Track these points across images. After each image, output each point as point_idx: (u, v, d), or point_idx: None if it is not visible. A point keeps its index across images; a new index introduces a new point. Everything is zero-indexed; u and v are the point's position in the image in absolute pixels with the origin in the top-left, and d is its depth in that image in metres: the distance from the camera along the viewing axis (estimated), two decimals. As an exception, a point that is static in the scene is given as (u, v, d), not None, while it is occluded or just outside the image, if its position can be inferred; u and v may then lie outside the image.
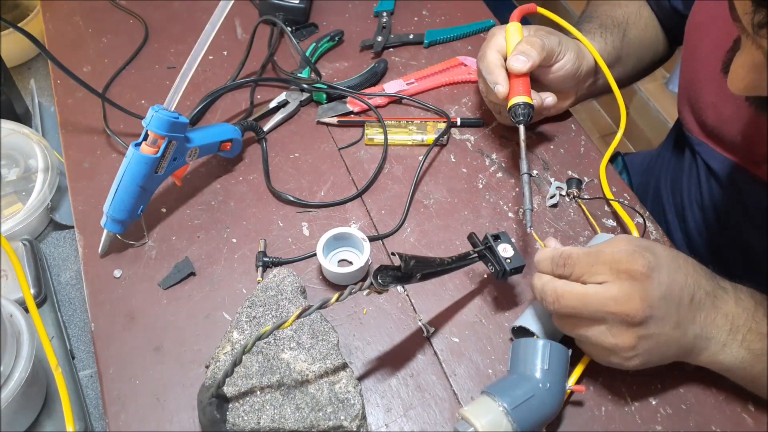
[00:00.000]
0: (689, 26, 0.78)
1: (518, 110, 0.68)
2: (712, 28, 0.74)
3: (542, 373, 0.54)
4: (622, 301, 0.51)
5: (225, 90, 0.82)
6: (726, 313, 0.55)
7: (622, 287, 0.51)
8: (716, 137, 0.77)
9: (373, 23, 0.95)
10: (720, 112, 0.75)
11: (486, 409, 0.52)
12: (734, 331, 0.55)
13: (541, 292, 0.55)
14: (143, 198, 0.67)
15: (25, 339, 0.59)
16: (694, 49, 0.77)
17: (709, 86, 0.75)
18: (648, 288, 0.51)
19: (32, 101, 0.93)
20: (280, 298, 0.61)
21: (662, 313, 0.52)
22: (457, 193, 0.75)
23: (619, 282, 0.51)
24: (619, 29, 0.84)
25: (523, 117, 0.67)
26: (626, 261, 0.51)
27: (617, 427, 0.58)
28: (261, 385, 0.55)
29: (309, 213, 0.73)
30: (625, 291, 0.51)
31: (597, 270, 0.52)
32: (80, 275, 0.69)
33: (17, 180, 0.81)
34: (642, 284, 0.51)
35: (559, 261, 0.54)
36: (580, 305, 0.53)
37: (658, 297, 0.51)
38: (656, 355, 0.55)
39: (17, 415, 0.61)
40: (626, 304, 0.51)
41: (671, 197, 0.89)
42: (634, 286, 0.51)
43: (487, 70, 0.72)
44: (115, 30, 0.93)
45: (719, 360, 0.56)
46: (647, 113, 1.96)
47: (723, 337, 0.55)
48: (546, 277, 0.55)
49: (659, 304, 0.51)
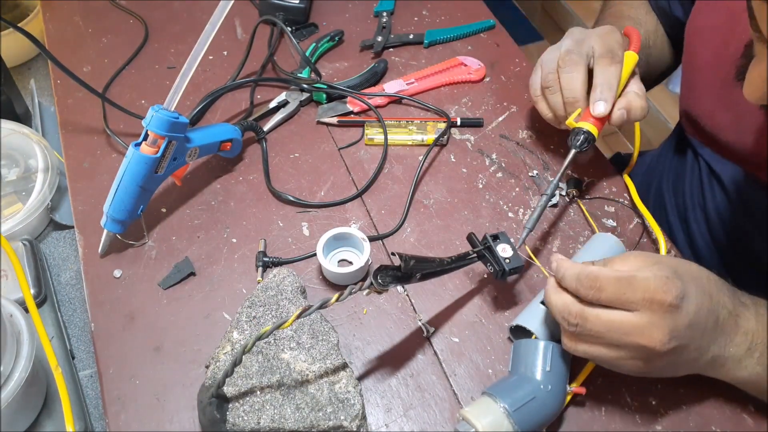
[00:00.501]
0: (688, 34, 0.78)
1: (581, 137, 0.66)
2: (710, 35, 0.74)
3: (543, 374, 0.54)
4: (648, 333, 0.49)
5: (225, 90, 0.82)
6: (746, 331, 0.54)
7: (652, 319, 0.49)
8: (716, 144, 0.77)
9: (373, 23, 0.95)
10: (717, 120, 0.75)
11: (487, 409, 0.52)
12: (752, 349, 0.54)
13: (562, 311, 0.52)
14: (143, 198, 0.67)
15: (25, 339, 0.59)
16: (692, 57, 0.77)
17: (706, 94, 0.75)
18: (676, 319, 0.49)
19: (32, 101, 0.93)
20: (280, 298, 0.61)
21: (686, 341, 0.51)
22: (457, 193, 0.75)
23: (650, 312, 0.49)
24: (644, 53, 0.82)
25: (581, 146, 0.66)
26: (661, 291, 0.49)
27: (617, 427, 0.58)
28: (261, 385, 0.55)
29: (309, 213, 0.73)
30: (653, 323, 0.49)
31: (628, 298, 0.49)
32: (80, 275, 0.69)
33: (17, 180, 0.81)
34: (671, 315, 0.49)
35: (586, 282, 0.51)
36: (604, 330, 0.50)
37: (684, 327, 0.50)
38: (669, 372, 0.54)
39: (17, 415, 0.61)
40: (652, 336, 0.49)
41: (673, 198, 0.89)
42: (664, 318, 0.49)
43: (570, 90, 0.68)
44: (115, 30, 0.93)
45: (734, 375, 0.55)
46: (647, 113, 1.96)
47: (740, 355, 0.54)
48: (568, 298, 0.52)
49: (684, 333, 0.50)
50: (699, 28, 0.76)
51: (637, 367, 0.52)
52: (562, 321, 0.53)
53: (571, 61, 0.68)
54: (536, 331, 0.58)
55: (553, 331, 0.59)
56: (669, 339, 0.49)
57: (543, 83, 0.71)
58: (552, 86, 0.70)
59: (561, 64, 0.69)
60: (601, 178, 0.77)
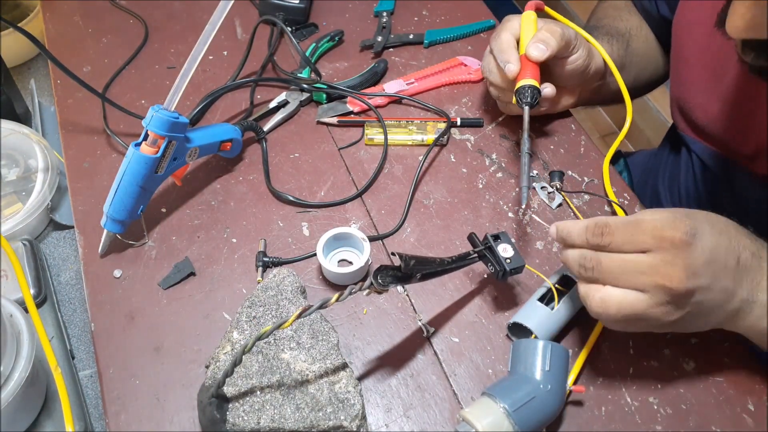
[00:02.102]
0: (675, 28, 0.79)
1: (526, 92, 0.68)
2: (697, 28, 0.74)
3: (543, 374, 0.54)
4: (664, 270, 0.49)
5: (225, 90, 0.82)
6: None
7: (665, 256, 0.49)
8: (707, 136, 0.77)
9: (373, 23, 0.95)
10: (708, 112, 0.75)
11: (487, 410, 0.52)
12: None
13: (578, 259, 0.53)
14: (143, 198, 0.67)
15: (25, 339, 0.59)
16: (680, 50, 0.78)
17: (696, 86, 0.76)
18: (691, 255, 0.49)
19: (32, 101, 0.93)
20: (280, 298, 0.61)
21: (708, 279, 0.50)
22: (457, 193, 0.75)
23: (663, 251, 0.49)
24: (623, 39, 0.84)
25: (531, 99, 0.68)
26: (669, 228, 0.49)
27: (617, 427, 0.58)
28: (261, 385, 0.55)
29: (309, 213, 0.73)
30: (667, 260, 0.49)
31: (638, 239, 0.50)
32: (80, 275, 0.69)
33: (17, 180, 0.81)
34: (685, 252, 0.49)
35: (596, 230, 0.52)
36: (619, 272, 0.50)
37: (702, 263, 0.49)
38: (700, 321, 0.53)
39: (17, 415, 0.61)
40: (669, 274, 0.49)
41: (668, 194, 0.89)
42: (678, 255, 0.49)
43: (499, 49, 0.72)
44: (115, 30, 0.93)
45: (760, 324, 0.53)
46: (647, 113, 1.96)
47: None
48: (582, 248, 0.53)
49: (704, 270, 0.49)
50: (685, 22, 0.76)
51: (666, 314, 0.51)
52: (579, 268, 0.53)
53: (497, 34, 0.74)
54: (534, 328, 0.58)
55: (551, 329, 0.59)
56: (687, 276, 0.49)
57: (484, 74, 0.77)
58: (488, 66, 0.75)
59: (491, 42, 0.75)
60: (601, 177, 0.77)
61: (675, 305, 0.50)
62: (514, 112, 0.79)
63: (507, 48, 0.72)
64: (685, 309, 0.51)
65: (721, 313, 0.53)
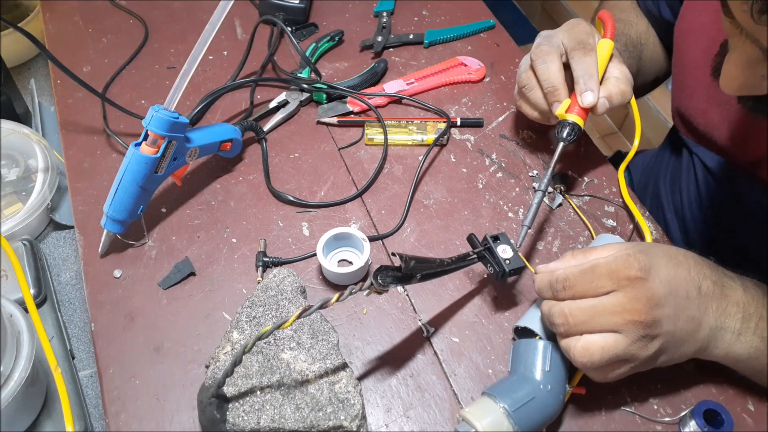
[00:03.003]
0: (677, 34, 0.78)
1: (566, 129, 0.66)
2: (699, 34, 0.74)
3: (543, 374, 0.54)
4: (629, 307, 0.50)
5: (225, 90, 0.82)
6: (737, 301, 0.54)
7: (627, 294, 0.50)
8: (708, 142, 0.77)
9: (373, 23, 0.95)
10: (709, 118, 0.75)
11: (487, 410, 0.52)
12: (747, 318, 0.54)
13: (548, 316, 0.54)
14: (143, 198, 0.67)
15: (25, 339, 0.59)
16: (681, 56, 0.78)
17: (697, 93, 0.76)
18: (650, 288, 0.51)
19: (32, 101, 0.93)
20: (280, 298, 0.61)
21: (671, 309, 0.51)
22: (457, 193, 0.75)
23: (622, 290, 0.51)
24: (636, 50, 0.83)
25: (569, 138, 0.66)
26: (623, 267, 0.51)
27: (617, 427, 0.58)
28: (261, 385, 0.55)
29: (309, 213, 0.73)
30: (629, 296, 0.50)
31: (597, 284, 0.51)
32: (80, 275, 0.69)
33: (17, 180, 0.82)
34: (642, 286, 0.50)
35: (558, 286, 0.53)
36: (589, 319, 0.51)
37: (663, 294, 0.51)
38: (676, 352, 0.54)
39: (17, 415, 0.61)
40: (633, 308, 0.50)
41: (670, 196, 0.89)
42: (637, 290, 0.50)
43: (549, 81, 0.67)
44: (115, 30, 0.93)
45: (734, 351, 0.55)
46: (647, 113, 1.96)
47: (737, 326, 0.54)
48: (550, 302, 0.54)
49: (665, 300, 0.51)
50: (687, 29, 0.76)
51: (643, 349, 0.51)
52: (551, 326, 0.54)
53: (542, 52, 0.68)
54: (540, 331, 0.58)
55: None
56: (650, 306, 0.50)
57: (519, 84, 0.72)
58: (528, 83, 0.70)
59: (533, 58, 0.69)
60: (601, 177, 0.77)
61: (649, 338, 0.51)
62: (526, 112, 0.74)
63: (557, 83, 0.67)
64: (659, 340, 0.52)
65: (694, 343, 0.54)
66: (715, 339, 0.54)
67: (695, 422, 0.55)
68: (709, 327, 0.54)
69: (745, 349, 0.55)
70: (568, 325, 0.52)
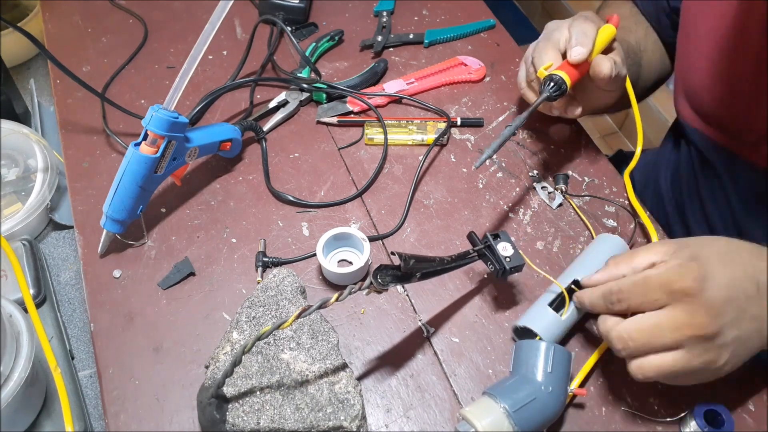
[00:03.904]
0: (684, 9, 0.78)
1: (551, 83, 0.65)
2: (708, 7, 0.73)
3: (545, 375, 0.54)
4: (689, 321, 0.49)
5: (225, 90, 0.82)
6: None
7: (685, 308, 0.49)
8: (711, 121, 0.77)
9: (373, 23, 0.95)
10: (715, 94, 0.75)
11: (487, 410, 0.52)
12: None
13: (607, 340, 0.53)
14: (143, 198, 0.67)
15: (24, 339, 0.59)
16: (689, 31, 0.77)
17: (704, 67, 0.75)
18: (708, 298, 0.49)
19: (32, 101, 0.93)
20: (280, 298, 0.61)
21: (733, 315, 0.50)
22: (457, 193, 0.75)
23: (679, 303, 0.49)
24: (636, 57, 0.83)
25: (552, 91, 0.65)
26: (677, 280, 0.49)
27: (617, 428, 0.58)
28: (261, 386, 0.55)
29: (309, 213, 0.73)
30: (688, 310, 0.49)
31: (652, 297, 0.50)
32: (80, 275, 0.69)
33: (17, 180, 0.81)
34: (700, 297, 0.49)
35: (612, 298, 0.52)
36: (649, 340, 0.50)
37: (722, 302, 0.49)
38: (744, 353, 0.52)
39: (17, 415, 0.61)
40: (694, 322, 0.49)
41: (671, 190, 0.89)
42: (694, 302, 0.49)
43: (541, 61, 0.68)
44: (114, 30, 0.93)
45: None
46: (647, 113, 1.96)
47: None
48: (610, 321, 0.53)
49: (726, 307, 0.49)
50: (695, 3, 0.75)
51: (710, 362, 0.50)
52: (620, 351, 0.53)
53: (541, 47, 0.70)
54: (541, 333, 0.58)
55: (558, 334, 0.59)
56: (711, 318, 0.49)
57: (527, 78, 0.73)
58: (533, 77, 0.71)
59: (534, 54, 0.71)
60: (602, 177, 0.77)
61: (715, 350, 0.50)
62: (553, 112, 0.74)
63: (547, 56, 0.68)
64: (727, 349, 0.50)
65: (759, 339, 0.52)
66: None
67: (695, 422, 0.55)
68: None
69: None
70: (629, 350, 0.51)
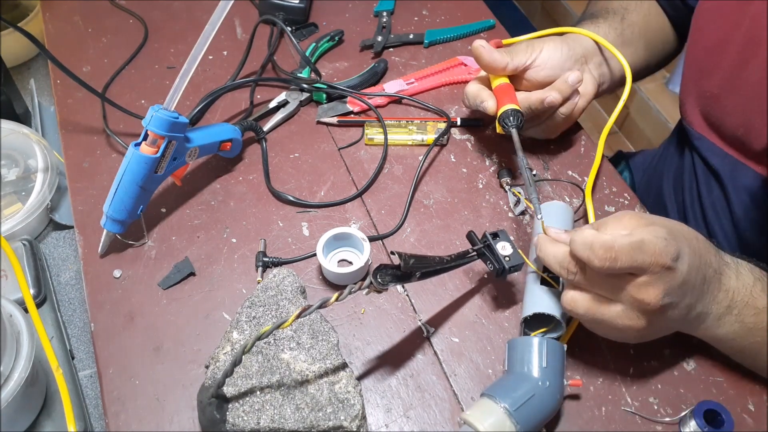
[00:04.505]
0: (696, 16, 0.77)
1: (509, 118, 0.67)
2: (719, 17, 0.73)
3: (541, 371, 0.54)
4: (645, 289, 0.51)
5: (225, 90, 0.82)
6: (727, 289, 0.56)
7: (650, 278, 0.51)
8: (718, 129, 0.77)
9: (373, 23, 0.95)
10: (724, 104, 0.74)
11: (488, 411, 0.52)
12: (731, 306, 0.56)
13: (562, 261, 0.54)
14: (143, 198, 0.67)
15: (24, 339, 0.59)
16: (699, 38, 0.77)
17: (714, 77, 0.75)
18: (672, 279, 0.51)
19: (32, 101, 0.93)
20: (280, 298, 0.61)
21: (677, 299, 0.52)
22: (457, 193, 0.75)
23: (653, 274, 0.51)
24: (617, 14, 0.82)
25: (515, 122, 0.67)
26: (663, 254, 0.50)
27: (617, 427, 0.58)
28: (261, 386, 0.55)
29: (309, 213, 0.73)
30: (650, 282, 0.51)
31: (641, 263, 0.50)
32: (80, 275, 0.69)
33: (17, 180, 0.81)
34: (668, 275, 0.51)
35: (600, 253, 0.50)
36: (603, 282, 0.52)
37: (677, 286, 0.51)
38: (660, 333, 0.56)
39: (17, 415, 0.61)
40: (648, 292, 0.51)
41: (673, 195, 0.89)
42: (661, 278, 0.51)
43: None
44: (115, 30, 0.93)
45: (713, 332, 0.57)
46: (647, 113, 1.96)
47: (720, 312, 0.56)
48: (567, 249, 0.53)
49: (677, 291, 0.52)
50: (708, 9, 0.75)
51: (630, 323, 0.53)
52: (561, 270, 0.54)
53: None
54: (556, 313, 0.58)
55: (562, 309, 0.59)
56: (663, 296, 0.51)
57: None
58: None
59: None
60: (601, 177, 0.77)
61: (645, 320, 0.53)
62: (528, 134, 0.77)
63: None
64: (656, 324, 0.54)
65: (679, 323, 0.56)
66: (697, 321, 0.56)
67: (695, 422, 0.55)
68: (697, 312, 0.55)
69: (723, 333, 0.57)
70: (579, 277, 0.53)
